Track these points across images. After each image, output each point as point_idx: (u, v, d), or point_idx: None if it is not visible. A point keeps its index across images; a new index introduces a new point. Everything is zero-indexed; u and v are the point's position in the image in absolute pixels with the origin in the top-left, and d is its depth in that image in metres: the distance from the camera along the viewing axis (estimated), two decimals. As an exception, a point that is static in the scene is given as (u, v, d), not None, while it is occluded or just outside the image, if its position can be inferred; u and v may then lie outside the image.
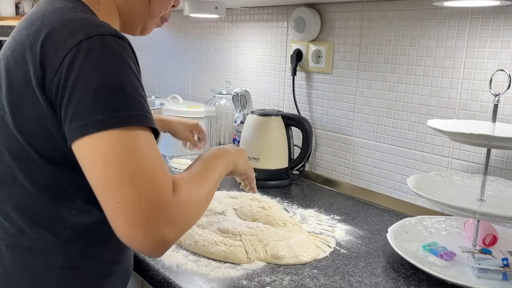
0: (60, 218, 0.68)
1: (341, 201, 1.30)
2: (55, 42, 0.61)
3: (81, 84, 0.59)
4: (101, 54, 0.60)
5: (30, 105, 0.63)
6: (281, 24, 1.57)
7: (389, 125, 1.29)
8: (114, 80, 0.60)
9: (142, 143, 0.60)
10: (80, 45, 0.60)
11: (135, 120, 0.60)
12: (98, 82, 0.59)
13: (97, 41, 0.60)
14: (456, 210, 0.86)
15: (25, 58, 0.63)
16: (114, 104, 0.59)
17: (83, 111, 0.59)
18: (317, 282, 0.85)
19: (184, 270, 0.88)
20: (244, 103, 1.56)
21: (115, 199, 0.58)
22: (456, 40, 1.12)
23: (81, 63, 0.59)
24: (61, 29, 0.62)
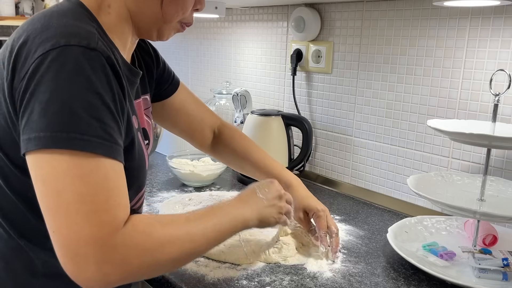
0: (39, 226, 0.63)
1: (341, 201, 1.30)
2: (27, 50, 0.60)
3: (36, 97, 0.57)
4: (61, 67, 0.57)
5: (2, 113, 0.63)
6: (281, 24, 1.57)
7: (389, 125, 1.29)
8: (64, 98, 0.56)
9: (86, 169, 0.56)
10: (46, 54, 0.57)
11: (80, 144, 0.56)
12: (49, 97, 0.56)
13: (62, 53, 0.57)
14: (456, 210, 0.86)
15: (5, 62, 0.63)
16: (60, 124, 0.55)
17: (33, 124, 0.57)
18: (317, 282, 0.85)
19: (184, 270, 0.88)
20: (244, 103, 1.56)
21: (50, 227, 0.56)
22: (456, 40, 1.12)
23: (41, 74, 0.57)
24: (36, 37, 0.60)
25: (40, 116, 0.56)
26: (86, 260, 0.55)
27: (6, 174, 0.66)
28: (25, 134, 0.58)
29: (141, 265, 0.59)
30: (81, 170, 0.56)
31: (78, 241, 0.55)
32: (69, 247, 0.55)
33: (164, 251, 0.61)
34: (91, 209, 0.56)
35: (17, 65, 0.60)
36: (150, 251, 0.60)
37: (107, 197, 0.57)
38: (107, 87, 0.59)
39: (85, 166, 0.56)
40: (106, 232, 0.56)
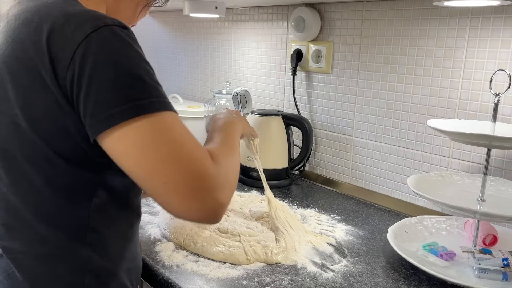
0: (80, 221, 0.67)
1: (341, 201, 1.30)
2: (61, 37, 0.60)
3: (98, 77, 0.58)
4: (112, 45, 0.60)
5: (45, 105, 0.62)
6: (281, 24, 1.57)
7: (389, 125, 1.29)
8: (131, 70, 0.60)
9: (169, 123, 0.61)
10: (89, 37, 0.59)
11: (157, 106, 0.61)
12: (115, 73, 0.59)
13: (106, 32, 0.60)
14: (456, 210, 0.86)
15: (31, 56, 0.62)
16: (135, 93, 0.59)
17: (105, 103, 0.59)
18: (317, 282, 0.85)
19: (184, 270, 0.88)
20: (244, 103, 1.56)
21: (161, 180, 0.59)
22: (456, 40, 1.12)
23: (94, 56, 0.59)
24: (65, 23, 0.61)
25: (114, 92, 0.59)
26: (206, 192, 0.61)
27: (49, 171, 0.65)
28: (97, 115, 0.59)
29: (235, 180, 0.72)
30: (166, 123, 0.61)
31: (193, 179, 0.60)
32: (188, 186, 0.60)
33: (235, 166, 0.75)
34: (189, 150, 0.62)
35: (53, 54, 0.60)
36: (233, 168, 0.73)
37: (193, 137, 0.64)
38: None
39: (167, 119, 0.61)
40: (209, 163, 0.63)
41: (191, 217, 0.62)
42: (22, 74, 0.63)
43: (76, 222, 0.68)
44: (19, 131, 0.64)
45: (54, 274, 0.68)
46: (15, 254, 0.68)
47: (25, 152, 0.65)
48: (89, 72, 0.58)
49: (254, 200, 1.19)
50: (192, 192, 0.60)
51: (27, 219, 0.67)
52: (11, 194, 0.67)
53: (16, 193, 0.67)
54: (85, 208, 0.68)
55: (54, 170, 0.65)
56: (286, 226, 1.00)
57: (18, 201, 0.67)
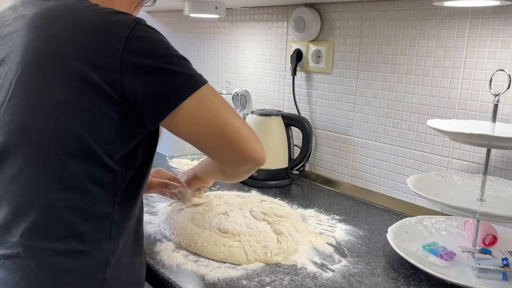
0: (107, 214, 0.70)
1: (341, 201, 1.30)
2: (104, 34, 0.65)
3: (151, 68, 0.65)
4: (152, 36, 0.67)
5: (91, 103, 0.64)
6: (281, 24, 1.57)
7: (389, 125, 1.29)
8: (176, 53, 0.69)
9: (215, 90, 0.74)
10: (131, 35, 0.65)
11: (203, 78, 0.72)
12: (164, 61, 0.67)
13: (141, 27, 0.67)
14: (456, 210, 0.86)
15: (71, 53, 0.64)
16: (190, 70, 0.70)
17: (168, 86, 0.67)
18: (317, 282, 0.85)
19: (184, 270, 0.88)
20: (244, 103, 1.56)
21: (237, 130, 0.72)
22: (456, 40, 1.12)
23: (142, 50, 0.65)
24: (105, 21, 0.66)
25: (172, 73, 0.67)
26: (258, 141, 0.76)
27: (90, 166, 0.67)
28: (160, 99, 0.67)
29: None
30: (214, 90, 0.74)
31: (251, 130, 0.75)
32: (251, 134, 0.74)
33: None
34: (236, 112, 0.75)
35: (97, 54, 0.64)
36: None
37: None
38: None
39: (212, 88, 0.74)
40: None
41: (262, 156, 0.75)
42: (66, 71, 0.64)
43: (104, 216, 0.70)
44: (61, 127, 0.65)
45: (76, 269, 0.68)
46: (38, 252, 0.67)
47: (63, 147, 0.65)
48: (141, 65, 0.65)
49: (254, 200, 1.18)
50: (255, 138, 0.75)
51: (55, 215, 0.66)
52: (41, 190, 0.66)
53: (48, 189, 0.66)
54: (112, 202, 0.70)
55: (92, 165, 0.67)
56: (291, 231, 1.00)
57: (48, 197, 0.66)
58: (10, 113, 0.66)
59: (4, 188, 0.67)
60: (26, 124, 0.66)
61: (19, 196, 0.67)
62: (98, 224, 0.69)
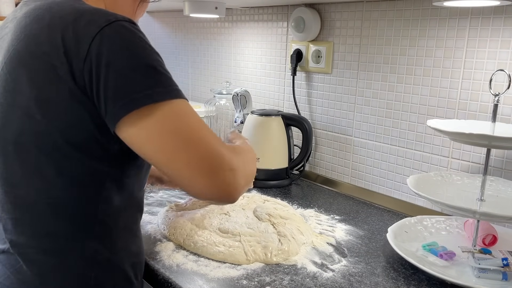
0: (89, 213, 0.69)
1: (341, 201, 1.30)
2: (76, 32, 0.63)
3: (117, 66, 0.61)
4: (126, 37, 0.63)
5: (59, 97, 0.64)
6: (281, 24, 1.57)
7: (389, 125, 1.29)
8: (145, 59, 0.63)
9: (185, 110, 0.66)
10: (103, 31, 0.62)
11: (173, 94, 0.64)
12: (132, 62, 0.62)
13: (118, 26, 0.63)
14: (456, 210, 0.86)
15: (45, 51, 0.63)
16: (152, 81, 0.63)
17: (124, 90, 0.62)
18: (317, 282, 0.85)
19: (184, 270, 0.88)
20: (244, 103, 1.56)
21: (185, 162, 0.64)
22: (456, 40, 1.12)
23: (110, 47, 0.62)
24: (78, 19, 0.64)
25: (130, 80, 0.62)
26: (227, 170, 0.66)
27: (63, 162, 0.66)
28: (116, 103, 0.62)
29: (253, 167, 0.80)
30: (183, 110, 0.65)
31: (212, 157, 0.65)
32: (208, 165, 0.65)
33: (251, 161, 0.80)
34: (204, 134, 0.66)
35: (68, 49, 0.62)
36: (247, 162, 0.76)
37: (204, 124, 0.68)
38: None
39: (182, 107, 0.65)
40: (224, 147, 0.67)
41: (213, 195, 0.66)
42: (36, 67, 0.64)
43: (85, 215, 0.69)
44: (33, 123, 0.65)
45: (63, 268, 0.69)
46: (24, 249, 0.69)
47: (38, 144, 0.66)
48: (106, 62, 0.61)
49: (257, 200, 1.18)
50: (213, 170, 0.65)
51: (37, 213, 0.68)
52: (22, 187, 0.68)
53: (28, 185, 0.67)
54: (94, 200, 0.69)
55: (67, 161, 0.66)
56: (295, 234, 0.99)
57: (29, 194, 0.67)
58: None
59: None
60: (3, 122, 0.67)
61: (3, 193, 0.69)
62: (80, 222, 0.69)
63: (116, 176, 0.71)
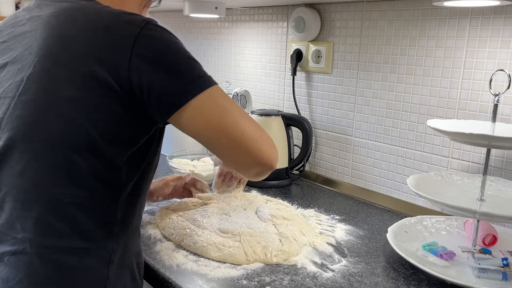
0: (111, 212, 0.71)
1: (341, 201, 1.30)
2: (115, 33, 0.66)
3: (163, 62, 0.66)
4: (162, 36, 0.69)
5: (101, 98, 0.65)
6: (281, 24, 1.57)
7: (389, 125, 1.29)
8: (186, 53, 0.70)
9: (223, 92, 0.73)
10: (142, 32, 0.66)
11: (213, 80, 0.72)
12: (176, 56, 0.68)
13: (152, 27, 0.68)
14: (456, 210, 0.86)
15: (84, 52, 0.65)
16: (197, 71, 0.70)
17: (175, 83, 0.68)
18: (317, 282, 0.85)
19: (184, 270, 0.88)
20: (244, 103, 1.56)
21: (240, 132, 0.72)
22: (456, 40, 1.12)
23: (151, 50, 0.66)
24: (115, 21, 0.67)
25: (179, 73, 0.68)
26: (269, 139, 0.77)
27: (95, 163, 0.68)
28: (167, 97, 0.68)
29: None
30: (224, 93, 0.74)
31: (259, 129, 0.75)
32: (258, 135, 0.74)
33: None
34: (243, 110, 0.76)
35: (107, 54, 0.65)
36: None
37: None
38: None
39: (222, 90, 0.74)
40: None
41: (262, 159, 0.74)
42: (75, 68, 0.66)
43: (107, 215, 0.71)
44: (67, 123, 0.66)
45: (80, 268, 0.68)
46: (41, 249, 0.67)
47: (70, 143, 0.66)
48: (151, 65, 0.66)
49: (259, 200, 1.18)
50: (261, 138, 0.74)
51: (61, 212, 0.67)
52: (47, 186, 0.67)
53: (54, 185, 0.67)
54: (116, 200, 0.71)
55: (96, 161, 0.67)
56: (296, 235, 0.99)
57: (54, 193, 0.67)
58: (20, 107, 0.67)
59: (9, 184, 0.68)
60: (35, 119, 0.66)
61: (24, 192, 0.67)
62: (102, 222, 0.70)
63: (135, 177, 0.74)
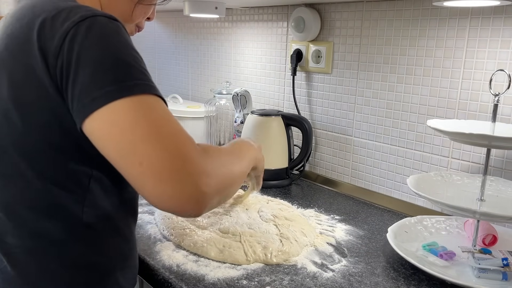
0: (73, 214, 0.67)
1: (341, 201, 1.30)
2: (51, 28, 0.61)
3: (85, 62, 0.59)
4: (99, 31, 0.60)
5: (36, 97, 0.62)
6: (281, 24, 1.57)
7: (389, 125, 1.29)
8: (117, 55, 0.60)
9: (152, 104, 0.60)
10: (77, 26, 0.60)
11: (142, 88, 0.60)
12: (101, 56, 0.59)
13: (94, 21, 0.61)
14: (456, 210, 0.86)
15: (23, 50, 0.62)
16: (120, 75, 0.59)
17: (91, 87, 0.58)
18: (317, 282, 0.85)
19: (184, 270, 0.88)
20: (244, 103, 1.56)
21: (137, 161, 0.57)
22: (456, 40, 1.12)
23: (81, 41, 0.59)
24: (56, 16, 0.62)
25: (99, 75, 0.59)
26: (186, 174, 0.58)
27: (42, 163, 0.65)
28: (82, 99, 0.59)
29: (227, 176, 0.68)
30: (150, 105, 0.60)
31: (171, 159, 0.57)
32: (164, 167, 0.57)
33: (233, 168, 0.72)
34: (172, 130, 0.60)
35: (43, 45, 0.61)
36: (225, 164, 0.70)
37: (177, 122, 0.62)
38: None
39: (151, 102, 0.60)
40: (192, 147, 0.60)
41: (167, 203, 0.58)
42: (15, 68, 0.63)
43: (69, 217, 0.67)
44: (12, 125, 0.64)
45: (46, 269, 0.68)
46: (10, 249, 0.68)
47: (17, 146, 0.65)
48: (76, 58, 0.59)
49: (261, 200, 1.18)
50: (167, 173, 0.57)
51: (20, 214, 0.67)
52: (4, 189, 0.67)
53: (9, 187, 0.67)
54: (78, 203, 0.67)
55: (47, 163, 0.65)
56: (298, 237, 0.99)
57: (11, 196, 0.67)
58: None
59: None
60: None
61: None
62: (64, 225, 0.68)
63: (101, 179, 0.68)
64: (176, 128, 0.61)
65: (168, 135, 0.59)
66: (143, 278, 0.92)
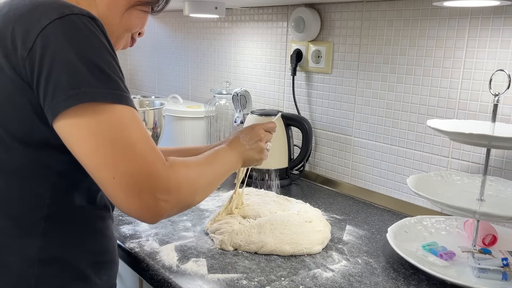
0: (35, 207, 0.66)
1: (341, 201, 1.30)
2: (27, 23, 0.61)
3: (60, 61, 0.59)
4: (76, 32, 0.61)
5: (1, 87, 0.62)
6: (281, 24, 1.57)
7: (389, 125, 1.29)
8: (92, 58, 0.61)
9: (127, 119, 0.62)
10: (53, 23, 0.60)
11: (115, 98, 0.61)
12: (76, 58, 0.60)
13: (71, 20, 0.61)
14: (456, 210, 0.86)
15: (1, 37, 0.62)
16: (94, 79, 0.60)
17: (64, 86, 0.59)
18: (317, 282, 0.85)
19: (184, 270, 0.88)
20: (244, 103, 1.56)
21: (110, 175, 0.61)
22: (456, 40, 1.12)
23: (57, 40, 0.59)
24: (33, 10, 0.62)
25: (74, 75, 0.59)
26: (150, 192, 0.63)
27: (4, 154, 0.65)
28: (55, 97, 0.60)
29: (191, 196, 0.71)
30: (124, 118, 0.62)
31: (140, 178, 0.62)
32: (134, 184, 0.62)
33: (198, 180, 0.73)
34: (143, 149, 0.63)
35: (16, 38, 0.61)
36: (192, 180, 0.71)
37: (148, 137, 0.65)
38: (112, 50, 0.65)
39: (125, 114, 0.62)
40: (160, 165, 0.64)
41: (132, 213, 0.64)
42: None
43: (30, 210, 0.67)
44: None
45: (3, 264, 0.67)
46: None
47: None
48: (51, 56, 0.59)
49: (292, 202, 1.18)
50: (136, 189, 0.62)
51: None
52: None
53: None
54: (40, 196, 0.67)
55: (8, 153, 0.64)
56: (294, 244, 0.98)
57: None
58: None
59: None
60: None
61: None
62: (24, 219, 0.67)
63: (66, 172, 0.68)
64: (147, 145, 0.64)
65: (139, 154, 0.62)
66: (143, 278, 0.92)
